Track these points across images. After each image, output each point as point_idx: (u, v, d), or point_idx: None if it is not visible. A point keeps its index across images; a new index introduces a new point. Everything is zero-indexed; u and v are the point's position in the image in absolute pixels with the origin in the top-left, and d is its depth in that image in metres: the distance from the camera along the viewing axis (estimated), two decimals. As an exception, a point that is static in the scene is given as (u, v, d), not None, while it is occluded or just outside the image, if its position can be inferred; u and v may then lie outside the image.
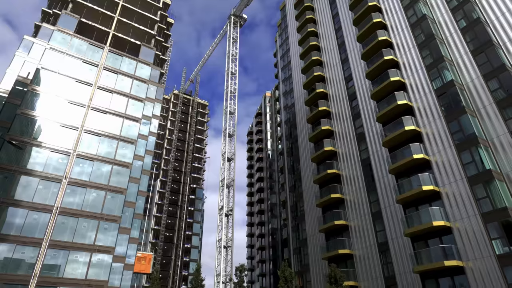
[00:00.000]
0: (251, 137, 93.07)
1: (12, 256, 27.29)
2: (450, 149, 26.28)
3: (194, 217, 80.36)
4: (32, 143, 31.76)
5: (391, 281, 28.46)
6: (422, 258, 25.38)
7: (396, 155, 29.61)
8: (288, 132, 50.91)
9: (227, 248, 51.64)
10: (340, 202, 35.95)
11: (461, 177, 25.00)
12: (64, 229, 30.20)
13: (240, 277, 26.05)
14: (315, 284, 35.94)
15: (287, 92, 53.44)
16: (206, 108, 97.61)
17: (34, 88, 34.00)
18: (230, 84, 61.47)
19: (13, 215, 28.60)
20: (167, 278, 69.74)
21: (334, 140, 39.41)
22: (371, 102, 35.28)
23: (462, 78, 28.20)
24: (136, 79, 41.24)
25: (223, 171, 56.16)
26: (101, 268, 30.59)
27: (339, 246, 33.49)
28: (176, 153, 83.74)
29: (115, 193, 33.97)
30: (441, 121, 27.59)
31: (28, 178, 30.39)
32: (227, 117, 59.54)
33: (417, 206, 27.42)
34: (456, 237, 24.18)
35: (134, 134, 38.30)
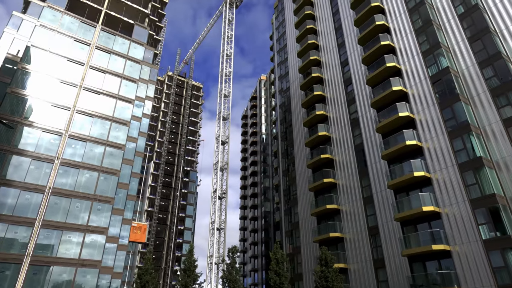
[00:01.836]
0: (246, 120, 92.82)
1: (4, 235, 27.32)
2: (443, 136, 26.53)
3: (187, 199, 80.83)
4: (23, 123, 31.31)
5: (379, 264, 29.18)
6: (411, 242, 25.98)
7: (389, 141, 29.82)
8: (282, 117, 50.82)
9: (220, 230, 52.26)
10: (333, 187, 36.36)
11: (452, 163, 25.35)
12: (57, 209, 30.20)
13: (233, 258, 26.47)
14: (306, 266, 36.72)
15: (282, 76, 53.04)
16: (200, 90, 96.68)
17: (24, 67, 33.24)
18: (225, 66, 60.73)
19: (4, 194, 28.46)
20: (160, 259, 70.67)
21: (328, 125, 39.49)
22: (367, 88, 35.23)
23: (457, 65, 28.18)
24: (129, 59, 40.50)
25: (217, 154, 56.20)
26: (94, 248, 30.82)
27: (331, 230, 34.08)
28: (170, 136, 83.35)
29: (108, 175, 33.89)
30: (435, 108, 27.72)
31: (20, 158, 30.10)
32: (222, 100, 59.12)
33: (408, 192, 27.86)
34: (445, 222, 24.72)
35: (127, 116, 37.91)
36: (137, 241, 42.18)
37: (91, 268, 29.95)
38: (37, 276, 27.65)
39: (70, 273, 29.02)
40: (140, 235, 41.59)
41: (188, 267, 26.86)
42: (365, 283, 29.88)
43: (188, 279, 26.27)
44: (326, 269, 25.52)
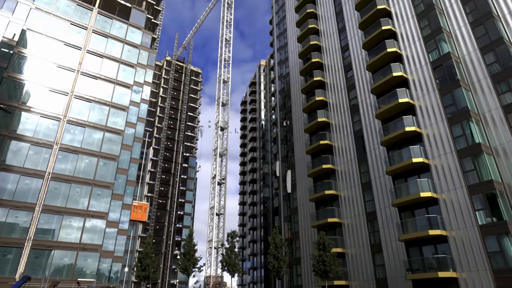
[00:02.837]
0: (245, 106, 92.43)
1: (5, 220, 27.56)
2: (442, 122, 26.48)
3: (187, 185, 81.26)
4: (21, 108, 31.13)
5: (376, 248, 29.60)
6: (408, 227, 26.28)
7: (389, 127, 29.78)
8: (282, 102, 50.57)
9: (219, 215, 52.74)
10: (331, 173, 36.52)
11: (450, 150, 25.39)
12: (57, 194, 30.37)
13: (232, 243, 26.82)
14: (304, 250, 37.24)
15: (282, 61, 52.50)
16: (199, 76, 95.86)
17: (21, 51, 32.82)
18: (224, 51, 60.04)
19: (4, 180, 28.55)
20: (160, 243, 71.53)
21: (328, 111, 39.35)
22: (367, 74, 34.95)
23: (459, 50, 27.89)
24: (127, 43, 39.98)
25: (216, 140, 56.17)
26: (95, 233, 31.15)
27: (329, 215, 34.41)
28: (168, 121, 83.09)
29: (108, 160, 33.94)
30: (435, 94, 27.58)
31: (19, 143, 30.07)
32: (221, 85, 58.68)
33: (406, 178, 28.00)
34: (442, 208, 24.94)
35: (126, 101, 37.70)
36: (138, 219, 42.70)
37: (92, 252, 30.34)
38: (38, 259, 28.03)
39: (71, 257, 29.42)
40: (141, 214, 42.09)
41: (188, 251, 27.22)
42: (362, 267, 30.38)
43: (188, 263, 26.65)
44: (324, 253, 25.89)
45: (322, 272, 25.54)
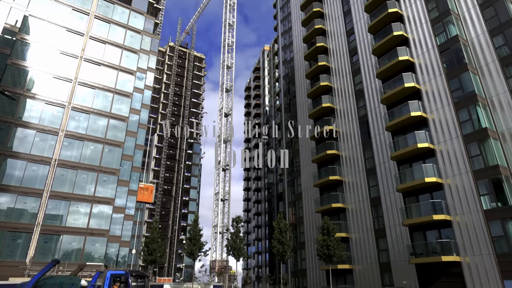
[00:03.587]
0: (249, 92, 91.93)
1: (14, 206, 28.02)
2: (448, 107, 26.16)
3: (191, 171, 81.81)
4: (26, 95, 31.21)
5: (380, 233, 29.80)
6: (412, 212, 26.35)
7: (394, 112, 29.51)
8: (286, 88, 50.19)
9: (224, 201, 53.23)
10: (336, 158, 36.49)
11: (456, 135, 25.17)
12: (64, 181, 30.72)
13: (237, 228, 27.13)
14: (308, 235, 37.62)
15: (286, 46, 51.82)
16: (202, 61, 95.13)
17: (23, 37, 32.66)
18: (228, 36, 59.34)
19: (12, 166, 28.89)
20: (166, 228, 72.62)
21: (333, 97, 39.03)
22: (372, 58, 34.43)
23: (467, 33, 27.28)
24: (129, 29, 39.59)
25: (220, 126, 56.15)
26: (102, 218, 31.62)
27: (333, 200, 34.57)
28: (172, 108, 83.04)
29: (113, 147, 34.14)
30: (442, 78, 27.16)
31: (25, 131, 30.27)
32: (225, 71, 58.26)
33: (411, 163, 27.91)
34: (447, 193, 24.92)
35: (129, 87, 37.61)
36: (145, 201, 43.19)
37: (99, 237, 30.88)
38: (48, 244, 28.61)
39: (79, 241, 29.98)
40: (147, 196, 42.55)
41: (194, 236, 27.60)
42: (366, 252, 30.68)
43: (194, 247, 27.07)
44: (328, 238, 26.14)
45: (326, 256, 25.84)
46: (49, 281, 15.20)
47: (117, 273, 15.14)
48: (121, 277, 14.88)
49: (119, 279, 14.89)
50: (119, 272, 15.24)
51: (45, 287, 14.97)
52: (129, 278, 14.79)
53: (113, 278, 14.85)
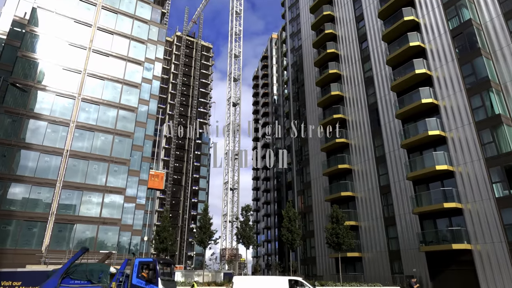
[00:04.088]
0: (257, 81, 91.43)
1: (29, 196, 28.72)
2: (460, 93, 25.63)
3: (201, 161, 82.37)
4: (36, 87, 31.61)
5: (390, 221, 29.73)
6: (422, 200, 26.16)
7: (404, 99, 29.05)
8: (294, 76, 49.75)
9: (233, 190, 53.61)
10: (345, 147, 36.27)
11: (468, 122, 24.71)
12: (76, 171, 31.29)
13: (246, 216, 27.35)
14: (317, 224, 37.76)
15: (294, 33, 51.15)
16: (210, 51, 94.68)
17: (32, 29, 32.90)
18: (235, 25, 58.80)
19: (25, 157, 29.52)
20: (177, 218, 73.65)
21: (342, 84, 38.57)
22: (382, 44, 33.78)
23: (481, 17, 26.48)
24: (136, 19, 39.54)
25: (228, 116, 56.17)
26: (113, 208, 32.21)
27: (342, 189, 34.50)
28: (181, 98, 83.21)
29: (123, 137, 34.52)
30: (454, 64, 26.54)
31: (37, 122, 30.78)
32: (232, 60, 57.94)
33: (421, 151, 27.58)
34: (458, 180, 24.62)
35: (138, 78, 37.77)
36: (156, 187, 43.86)
37: (112, 226, 31.52)
38: (62, 233, 29.35)
39: (92, 230, 30.68)
40: (158, 182, 43.19)
41: (204, 224, 27.93)
42: (375, 240, 30.70)
43: (204, 235, 27.42)
44: (337, 226, 26.17)
45: (335, 245, 25.94)
46: (79, 268, 15.64)
47: (145, 261, 15.45)
48: (150, 264, 15.19)
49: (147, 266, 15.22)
50: (147, 259, 15.54)
51: (76, 274, 15.40)
52: (157, 266, 15.09)
53: (141, 265, 15.18)
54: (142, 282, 14.81)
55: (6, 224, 27.33)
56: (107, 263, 17.78)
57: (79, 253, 16.49)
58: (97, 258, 23.84)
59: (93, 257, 25.31)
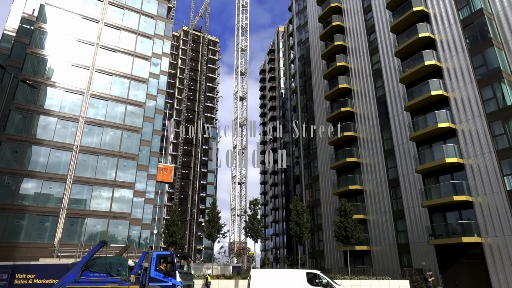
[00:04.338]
0: (264, 75, 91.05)
1: (40, 191, 29.24)
2: (471, 84, 25.19)
3: (208, 155, 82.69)
4: (46, 83, 31.98)
5: (399, 215, 29.58)
6: (432, 193, 25.93)
7: (413, 91, 28.69)
8: (301, 69, 49.41)
9: (241, 184, 53.81)
10: (353, 140, 36.05)
11: (479, 113, 24.32)
12: (86, 166, 31.71)
13: (254, 210, 27.44)
14: (325, 217, 37.75)
15: (301, 26, 50.70)
16: (217, 45, 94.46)
17: (41, 26, 33.18)
18: (241, 18, 58.49)
19: (36, 153, 29.99)
20: (185, 212, 74.31)
21: (349, 77, 38.20)
22: (391, 36, 33.30)
23: (492, 6, 25.88)
24: (143, 14, 39.58)
25: (235, 110, 56.18)
26: (123, 202, 32.62)
27: (350, 182, 34.37)
28: (188, 93, 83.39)
29: (131, 132, 34.81)
30: (464, 55, 26.06)
31: (47, 118, 31.20)
32: (239, 54, 57.74)
33: (431, 144, 27.28)
34: (468, 173, 24.32)
35: (145, 73, 37.93)
36: (164, 180, 44.17)
37: (121, 220, 31.96)
38: (73, 227, 29.87)
39: (103, 224, 31.15)
40: (166, 176, 43.48)
41: (212, 218, 28.11)
42: (384, 233, 30.60)
43: (213, 229, 27.61)
44: (345, 219, 26.11)
45: (343, 238, 25.90)
46: (99, 261, 15.98)
47: (163, 254, 15.69)
48: (167, 258, 15.40)
49: (164, 259, 15.44)
50: (164, 253, 15.77)
51: (95, 267, 15.74)
52: (175, 259, 15.29)
53: (159, 258, 15.42)
54: (160, 275, 15.06)
55: (19, 219, 27.91)
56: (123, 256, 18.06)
57: (98, 247, 16.85)
58: (113, 252, 24.19)
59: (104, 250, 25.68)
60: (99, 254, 16.82)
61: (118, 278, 15.42)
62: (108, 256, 17.66)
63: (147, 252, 16.47)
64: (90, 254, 16.26)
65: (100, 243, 17.11)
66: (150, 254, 15.74)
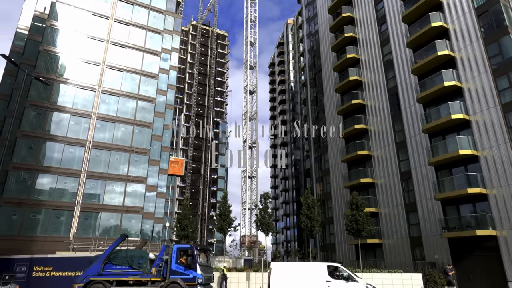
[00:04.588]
0: (273, 68, 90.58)
1: (55, 186, 29.87)
2: (486, 74, 24.60)
3: (219, 149, 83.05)
4: (58, 80, 32.46)
5: (411, 208, 29.29)
6: (445, 186, 25.56)
7: (426, 83, 28.17)
8: (311, 62, 48.97)
9: (251, 178, 53.97)
10: (364, 133, 35.70)
11: (494, 104, 23.76)
12: (99, 161, 32.21)
13: (265, 204, 27.49)
14: (336, 210, 37.64)
15: (310, 18, 50.14)
16: (225, 39, 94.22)
17: (52, 24, 33.60)
18: (250, 11, 58.15)
19: (51, 149, 30.59)
20: (197, 206, 75.01)
21: (360, 69, 37.71)
22: (402, 26, 32.67)
23: (508, -7, 25.11)
24: (152, 9, 39.68)
25: (245, 104, 56.15)
26: (136, 196, 33.08)
27: (361, 175, 34.13)
28: (198, 87, 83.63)
29: (142, 127, 35.15)
30: (479, 44, 25.41)
31: (60, 115, 31.72)
32: (248, 48, 57.54)
33: (444, 136, 26.82)
34: (483, 165, 23.87)
35: (155, 69, 38.11)
36: (175, 174, 44.63)
37: (134, 214, 32.45)
38: (88, 221, 30.48)
39: (116, 218, 31.69)
40: (178, 169, 43.90)
41: (223, 212, 28.29)
42: (396, 226, 30.38)
43: (224, 223, 27.80)
44: (356, 213, 25.98)
45: (355, 231, 25.80)
46: (120, 254, 16.38)
47: (183, 247, 15.96)
48: (188, 251, 15.65)
49: (185, 252, 15.68)
50: (185, 246, 16.06)
51: (117, 260, 16.17)
52: (195, 252, 15.51)
53: (179, 251, 15.67)
54: (181, 267, 15.30)
55: (36, 213, 28.60)
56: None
57: (119, 240, 17.25)
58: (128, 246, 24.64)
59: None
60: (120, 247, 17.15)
61: (139, 270, 15.76)
62: (129, 249, 18.01)
63: (167, 245, 16.74)
64: (112, 247, 16.65)
65: (121, 237, 17.49)
66: (171, 247, 15.98)
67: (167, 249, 16.31)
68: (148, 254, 16.49)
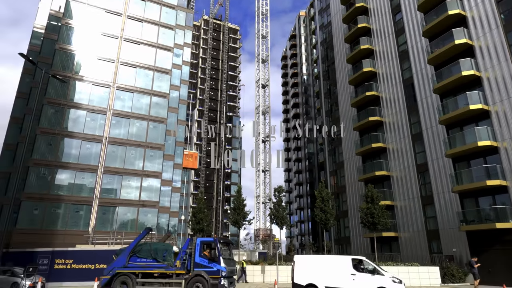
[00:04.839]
0: (286, 61, 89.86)
1: (74, 181, 30.65)
2: (506, 63, 23.79)
3: (232, 144, 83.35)
4: (75, 77, 33.10)
5: (428, 200, 28.83)
6: (463, 178, 25.01)
7: (443, 73, 27.47)
8: (324, 54, 48.39)
9: (265, 172, 54.03)
10: (379, 125, 35.19)
11: (515, 93, 23.00)
12: (115, 157, 32.83)
13: (279, 197, 27.49)
14: (351, 204, 37.38)
15: (323, 9, 49.42)
16: (237, 33, 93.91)
17: (67, 22, 34.18)
18: (262, 4, 57.73)
19: (69, 145, 31.34)
20: (211, 200, 75.71)
21: (374, 60, 37.04)
22: (418, 15, 31.87)
23: (530, -23, 24.12)
24: (164, 5, 39.86)
25: (258, 98, 56.05)
26: (151, 191, 33.64)
27: (376, 168, 33.73)
28: (210, 82, 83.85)
29: (156, 123, 35.58)
30: (499, 31, 24.56)
31: (77, 111, 32.41)
32: (260, 41, 57.26)
33: (461, 127, 26.18)
34: (502, 157, 23.22)
35: (168, 64, 38.40)
36: (190, 167, 45.17)
37: (150, 208, 33.03)
38: (106, 215, 31.20)
39: (133, 212, 32.33)
40: (192, 162, 44.42)
41: (238, 206, 28.48)
42: (412, 219, 29.98)
43: (238, 216, 28.00)
44: (372, 206, 25.73)
45: (370, 224, 25.59)
46: (145, 247, 16.77)
47: (206, 240, 16.17)
48: (211, 244, 15.88)
49: (208, 245, 15.92)
50: (208, 239, 16.24)
51: (141, 253, 16.58)
52: (218, 245, 15.72)
53: (203, 245, 15.92)
54: (205, 260, 15.53)
55: (56, 208, 29.45)
56: None
57: (144, 233, 17.66)
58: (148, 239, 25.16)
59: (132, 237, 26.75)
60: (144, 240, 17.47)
61: (164, 263, 16.08)
62: (153, 242, 18.35)
63: (190, 239, 17.02)
64: (137, 240, 17.05)
65: (145, 230, 17.87)
66: (194, 240, 16.19)
67: (190, 242, 16.54)
68: (172, 247, 16.77)
